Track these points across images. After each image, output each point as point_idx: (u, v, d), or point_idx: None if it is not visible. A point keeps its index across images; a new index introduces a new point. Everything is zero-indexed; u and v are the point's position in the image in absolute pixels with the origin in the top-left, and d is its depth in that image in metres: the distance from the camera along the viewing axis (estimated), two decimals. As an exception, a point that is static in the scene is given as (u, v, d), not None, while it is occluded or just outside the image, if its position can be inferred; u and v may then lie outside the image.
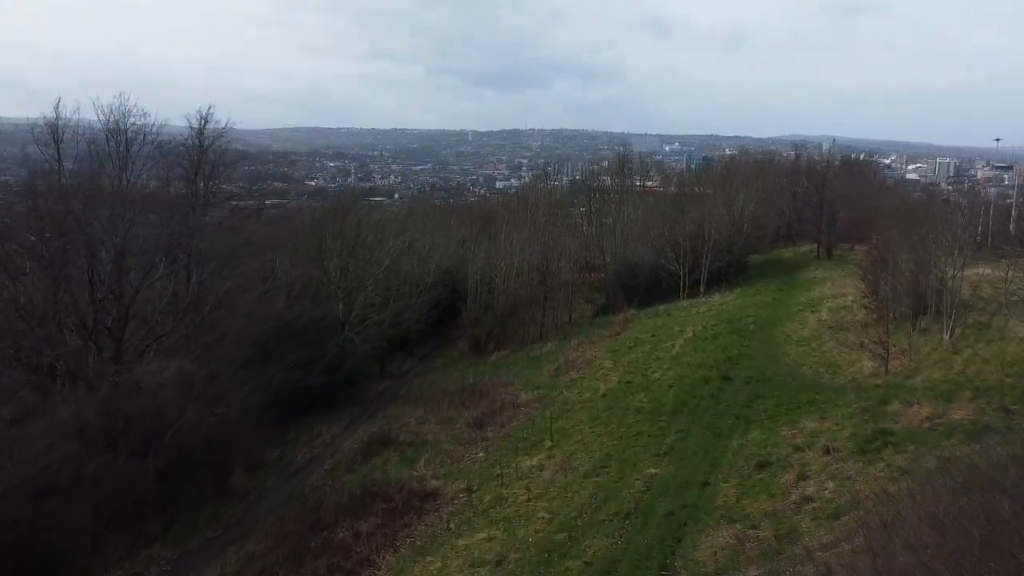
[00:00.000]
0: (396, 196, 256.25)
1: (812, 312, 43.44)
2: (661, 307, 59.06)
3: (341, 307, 45.92)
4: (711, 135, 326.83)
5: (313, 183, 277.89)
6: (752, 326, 42.65)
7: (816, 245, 72.90)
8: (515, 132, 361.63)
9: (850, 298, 44.20)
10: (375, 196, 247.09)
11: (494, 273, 61.89)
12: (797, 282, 59.48)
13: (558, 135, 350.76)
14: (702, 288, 61.96)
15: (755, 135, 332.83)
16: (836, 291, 48.71)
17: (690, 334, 43.99)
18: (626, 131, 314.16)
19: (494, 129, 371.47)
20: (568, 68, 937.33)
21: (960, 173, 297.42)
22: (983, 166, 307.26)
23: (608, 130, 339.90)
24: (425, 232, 69.19)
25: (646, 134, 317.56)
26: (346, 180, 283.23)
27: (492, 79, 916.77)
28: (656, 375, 37.29)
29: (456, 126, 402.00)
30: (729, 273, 64.67)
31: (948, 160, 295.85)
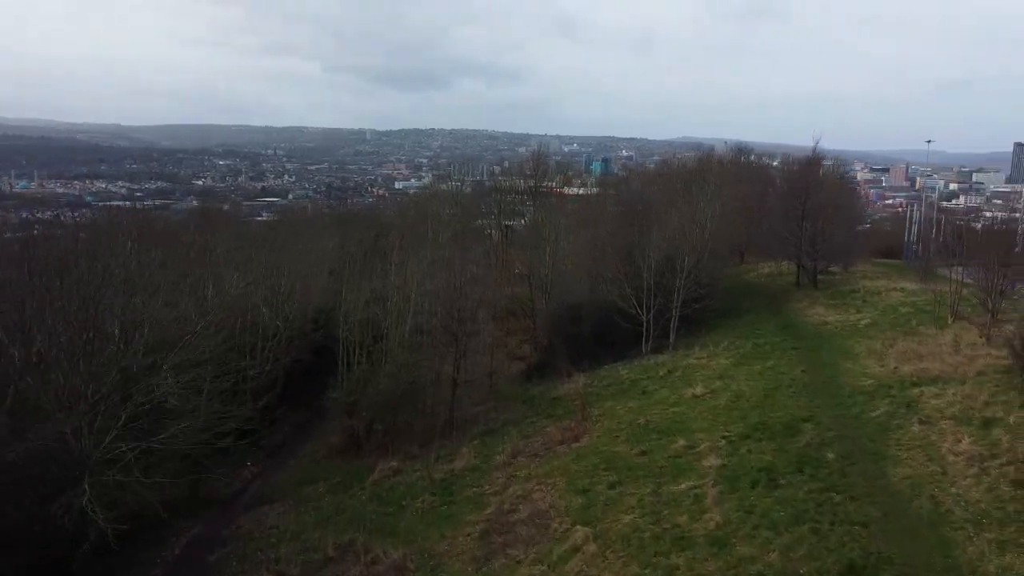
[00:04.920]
0: (290, 196, 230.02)
1: (919, 420, 23.57)
2: (622, 370, 38.86)
3: (85, 430, 23.22)
4: (609, 136, 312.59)
5: (200, 182, 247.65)
6: (829, 453, 22.61)
7: (796, 268, 53.87)
8: (415, 131, 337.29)
9: (966, 386, 24.89)
10: (267, 196, 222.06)
11: (383, 317, 40.33)
12: (804, 329, 40.12)
13: (459, 135, 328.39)
14: (672, 337, 42.07)
15: (651, 137, 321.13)
16: (911, 363, 29.18)
17: (714, 461, 23.67)
18: (526, 131, 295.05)
19: (393, 128, 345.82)
20: (473, 68, 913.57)
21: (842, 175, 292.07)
22: (862, 168, 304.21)
23: (508, 131, 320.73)
24: (288, 259, 46.82)
25: (545, 135, 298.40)
26: (236, 179, 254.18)
27: (393, 78, 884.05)
28: (700, 603, 16.77)
29: (355, 125, 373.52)
30: (698, 311, 44.76)
31: (830, 163, 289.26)
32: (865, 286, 48.23)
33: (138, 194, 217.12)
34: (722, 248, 59.06)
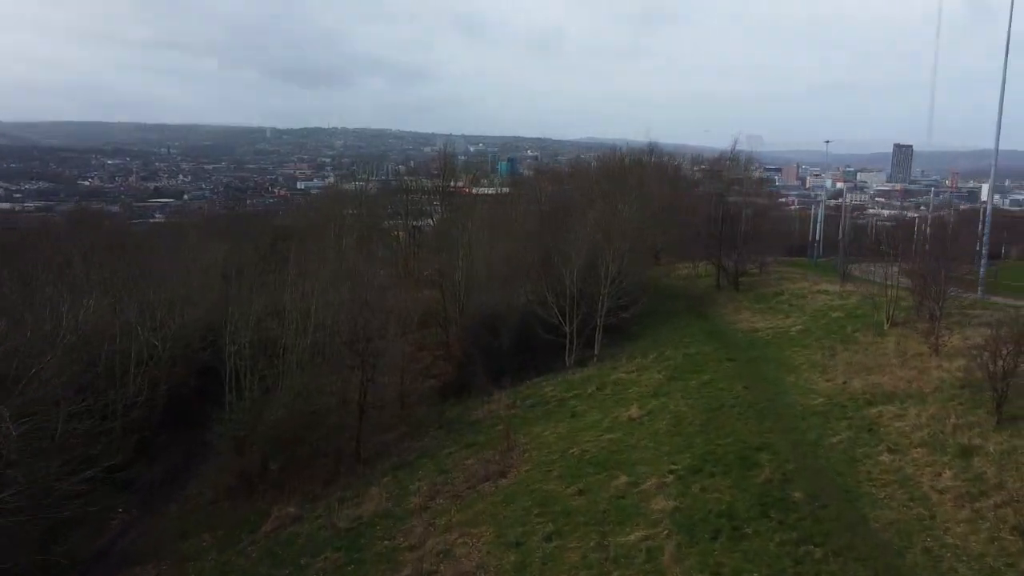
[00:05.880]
0: (186, 197, 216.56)
1: (888, 449, 21.02)
2: (546, 386, 35.43)
3: None
4: (515, 136, 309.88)
5: (87, 183, 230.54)
6: (796, 492, 19.61)
7: (715, 269, 51.66)
8: (317, 130, 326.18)
9: (928, 406, 22.46)
10: (161, 197, 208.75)
11: (279, 334, 35.47)
12: (734, 337, 37.67)
13: (362, 134, 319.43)
14: (596, 349, 38.92)
15: (557, 137, 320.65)
16: (859, 378, 26.89)
17: (665, 503, 20.33)
18: (432, 131, 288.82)
19: (295, 127, 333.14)
20: (377, 66, 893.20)
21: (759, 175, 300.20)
22: (756, 168, 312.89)
23: (414, 130, 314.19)
24: (169, 268, 41.26)
25: (451, 134, 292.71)
26: (127, 179, 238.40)
27: (294, 75, 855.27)
28: None
29: (254, 123, 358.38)
30: (625, 320, 41.69)
31: (744, 162, 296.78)
32: (788, 288, 46.36)
33: (17, 195, 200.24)
34: (640, 249, 56.55)
